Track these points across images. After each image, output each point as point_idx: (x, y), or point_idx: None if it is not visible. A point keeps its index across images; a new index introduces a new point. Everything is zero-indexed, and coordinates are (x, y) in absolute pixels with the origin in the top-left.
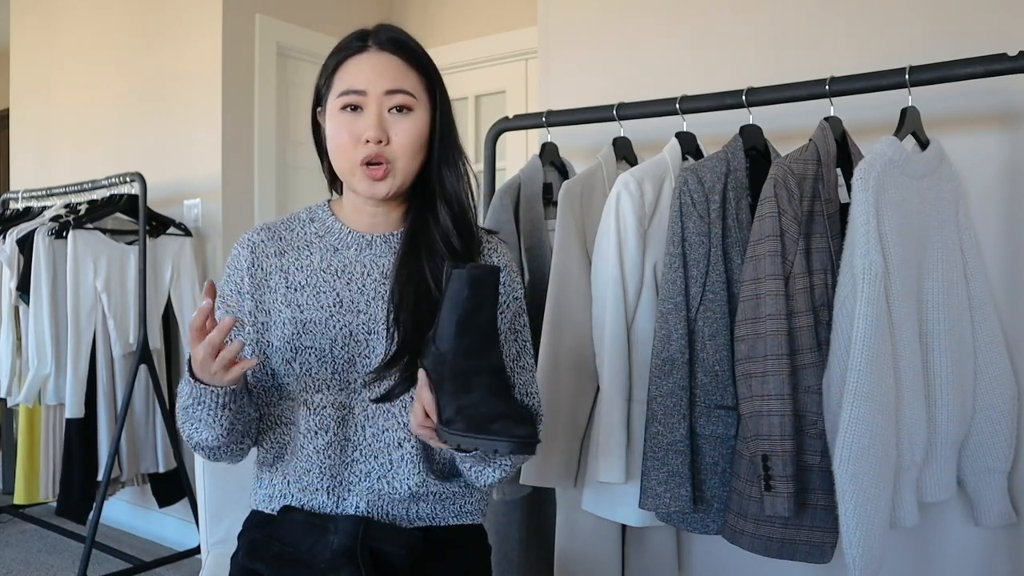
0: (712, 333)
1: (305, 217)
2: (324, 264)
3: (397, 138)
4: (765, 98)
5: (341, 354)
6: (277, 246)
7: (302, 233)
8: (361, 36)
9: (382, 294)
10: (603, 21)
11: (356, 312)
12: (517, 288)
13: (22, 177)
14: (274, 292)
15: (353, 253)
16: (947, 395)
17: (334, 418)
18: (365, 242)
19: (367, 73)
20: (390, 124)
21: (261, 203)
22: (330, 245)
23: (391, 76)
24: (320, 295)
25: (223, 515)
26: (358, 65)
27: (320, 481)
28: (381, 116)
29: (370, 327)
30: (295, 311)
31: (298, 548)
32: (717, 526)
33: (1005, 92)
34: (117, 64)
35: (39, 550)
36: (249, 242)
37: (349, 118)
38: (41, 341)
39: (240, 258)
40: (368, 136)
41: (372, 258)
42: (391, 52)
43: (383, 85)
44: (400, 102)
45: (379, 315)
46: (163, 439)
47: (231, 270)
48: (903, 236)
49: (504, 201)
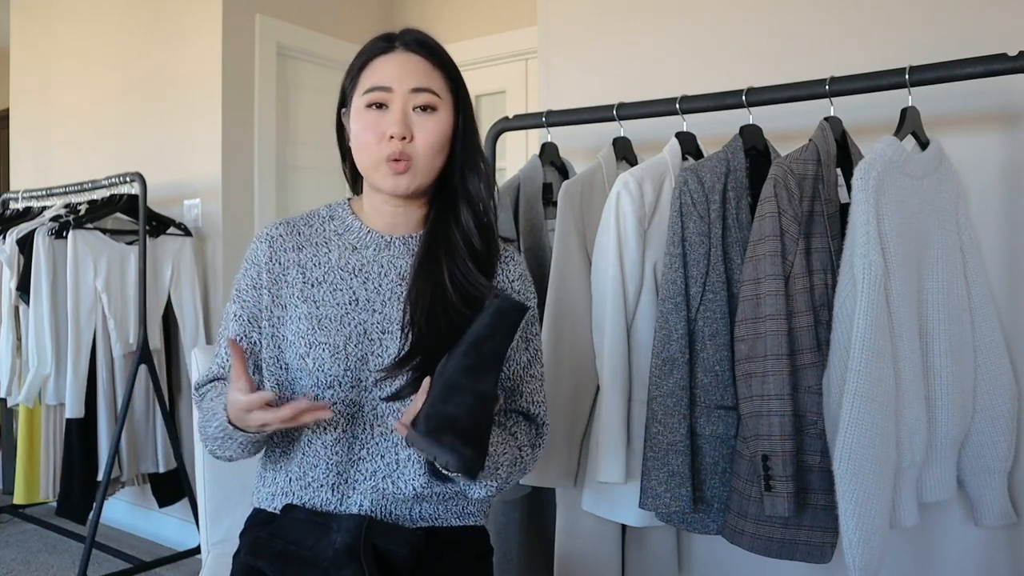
0: (712, 333)
1: (325, 214)
2: (342, 262)
3: (421, 136)
4: (765, 98)
5: (354, 351)
6: (296, 241)
7: (321, 230)
8: (388, 37)
9: (398, 295)
10: (603, 21)
11: (371, 311)
12: (531, 297)
13: (22, 177)
14: (291, 287)
15: (372, 253)
16: (947, 395)
17: (343, 415)
18: (384, 242)
19: (394, 71)
20: (414, 122)
21: (261, 203)
22: (349, 243)
23: (417, 75)
24: (336, 292)
25: (223, 515)
26: (384, 64)
27: (325, 477)
28: (406, 113)
29: (384, 326)
30: (311, 307)
31: (301, 546)
32: (717, 526)
33: (1005, 92)
34: (117, 64)
35: (39, 550)
36: (268, 236)
37: (375, 116)
38: (41, 341)
39: (259, 252)
40: (392, 132)
41: (390, 259)
42: (417, 52)
43: (409, 83)
44: (425, 101)
45: (394, 315)
46: (163, 439)
47: (248, 264)
48: (903, 236)
49: (503, 201)
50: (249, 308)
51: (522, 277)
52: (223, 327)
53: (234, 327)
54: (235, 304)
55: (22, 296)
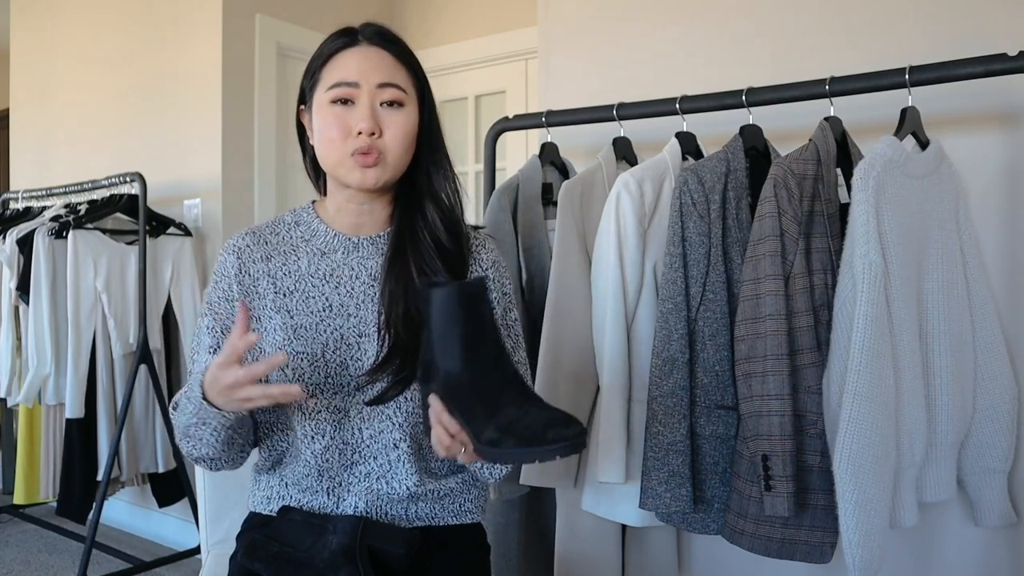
0: (712, 333)
1: (290, 220)
2: (312, 269)
3: (390, 131)
4: (765, 98)
5: (333, 358)
6: (264, 251)
7: (288, 237)
8: (348, 32)
9: (371, 296)
10: (603, 21)
11: (346, 316)
12: (507, 283)
13: (22, 177)
14: (263, 298)
15: (340, 256)
16: (947, 395)
17: (330, 422)
18: (352, 244)
19: (359, 66)
20: (382, 118)
21: (261, 203)
22: (317, 249)
23: (383, 70)
24: (309, 300)
25: (223, 515)
26: (348, 59)
27: (319, 483)
28: (374, 108)
29: (361, 330)
30: (285, 317)
31: (297, 548)
32: (717, 526)
33: (1005, 92)
34: (117, 64)
35: (39, 550)
36: (235, 248)
37: (340, 111)
38: (41, 341)
39: (227, 264)
40: (361, 128)
41: (360, 260)
42: (381, 46)
43: (376, 78)
44: (392, 96)
45: (369, 318)
46: (163, 439)
47: (218, 277)
48: (903, 236)
49: (502, 201)
50: (223, 320)
51: (495, 264)
52: (195, 342)
53: (208, 340)
54: (208, 317)
55: (22, 296)
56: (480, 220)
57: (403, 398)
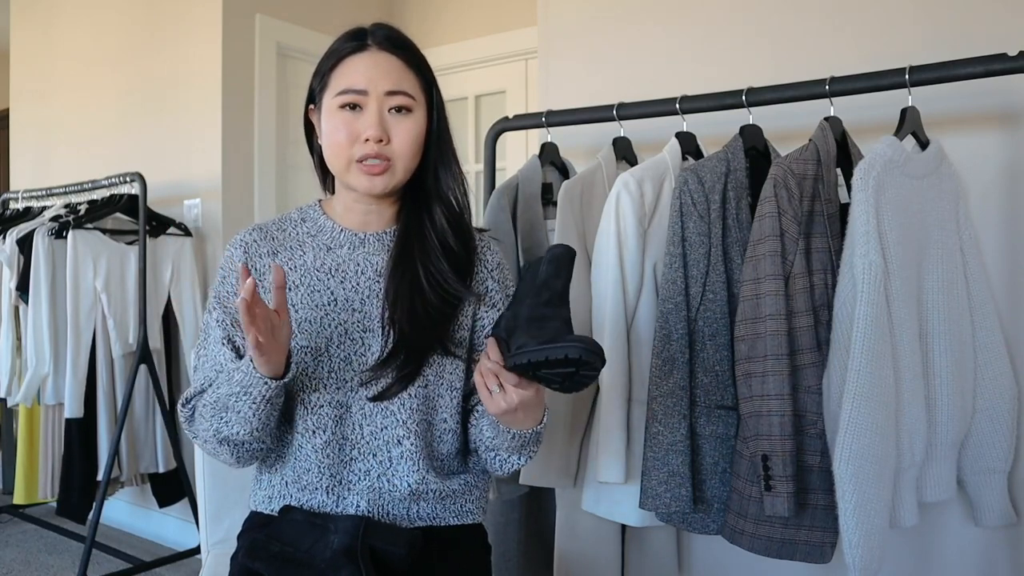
0: (712, 333)
1: (296, 217)
2: (317, 263)
3: (398, 138)
4: (765, 98)
5: (337, 352)
6: (270, 246)
7: (294, 233)
8: (359, 35)
9: (376, 292)
10: (603, 21)
11: (351, 310)
12: (510, 286)
13: (22, 177)
14: (268, 292)
15: (346, 252)
16: (947, 395)
17: (331, 417)
18: (358, 240)
19: (368, 73)
20: (390, 124)
21: (261, 203)
22: (323, 244)
23: (392, 77)
24: (314, 294)
25: (223, 515)
26: (357, 64)
27: (319, 480)
28: (382, 116)
29: (365, 325)
30: (290, 311)
31: (298, 548)
32: (717, 526)
33: (1005, 92)
34: (117, 64)
35: (39, 550)
36: (242, 242)
37: (348, 116)
38: (40, 341)
39: (234, 259)
40: (369, 135)
41: (365, 256)
42: (390, 52)
43: (384, 86)
44: (400, 103)
45: (374, 313)
46: (163, 439)
47: (226, 271)
48: (903, 236)
49: (501, 201)
50: (232, 313)
51: (500, 266)
52: (203, 336)
53: (218, 332)
54: (216, 311)
55: (22, 296)
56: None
57: (407, 395)
